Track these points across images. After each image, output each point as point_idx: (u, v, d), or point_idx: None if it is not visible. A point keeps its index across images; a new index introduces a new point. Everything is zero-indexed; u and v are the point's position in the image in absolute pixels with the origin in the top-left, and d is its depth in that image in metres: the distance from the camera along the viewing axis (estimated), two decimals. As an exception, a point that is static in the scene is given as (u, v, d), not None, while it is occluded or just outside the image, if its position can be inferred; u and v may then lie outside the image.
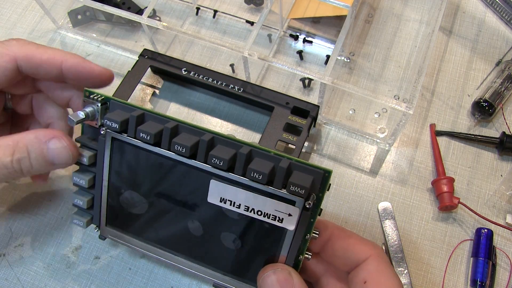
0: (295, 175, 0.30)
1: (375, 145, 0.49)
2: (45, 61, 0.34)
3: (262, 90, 0.47)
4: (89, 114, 0.35)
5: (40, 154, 0.35)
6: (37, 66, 0.34)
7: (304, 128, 0.44)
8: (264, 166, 0.30)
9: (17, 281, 0.43)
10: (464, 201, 0.44)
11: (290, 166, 0.30)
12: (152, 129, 0.32)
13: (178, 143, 0.31)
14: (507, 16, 0.54)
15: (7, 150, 0.34)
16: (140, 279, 0.43)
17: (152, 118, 0.33)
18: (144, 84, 0.52)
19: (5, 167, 0.34)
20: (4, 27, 0.57)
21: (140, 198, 0.37)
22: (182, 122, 0.33)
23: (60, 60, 0.35)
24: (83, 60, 0.36)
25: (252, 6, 0.57)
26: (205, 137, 0.31)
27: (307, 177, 0.30)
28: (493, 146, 0.48)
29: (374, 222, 0.45)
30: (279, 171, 0.30)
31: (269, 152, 0.31)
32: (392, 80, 0.52)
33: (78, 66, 0.35)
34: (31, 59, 0.34)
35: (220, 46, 0.44)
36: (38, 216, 0.46)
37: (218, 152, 0.31)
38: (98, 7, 0.48)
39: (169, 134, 0.32)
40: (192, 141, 0.31)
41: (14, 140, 0.34)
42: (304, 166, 0.30)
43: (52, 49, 0.36)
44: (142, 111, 0.33)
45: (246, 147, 0.31)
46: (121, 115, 0.34)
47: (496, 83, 0.49)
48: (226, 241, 0.35)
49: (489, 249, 0.42)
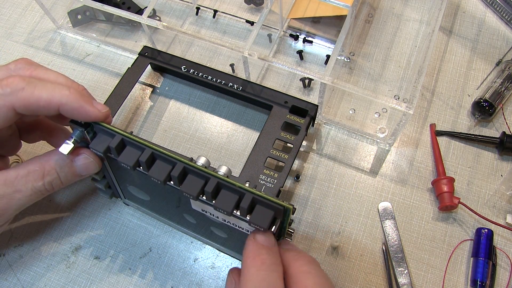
0: (257, 210, 0.32)
1: (375, 145, 0.49)
2: (42, 106, 0.34)
3: (261, 89, 0.47)
4: (77, 139, 0.36)
5: (69, 172, 0.38)
6: (34, 111, 0.34)
7: (302, 127, 0.44)
8: (228, 202, 0.33)
9: (17, 281, 0.43)
10: (464, 201, 0.44)
11: (253, 200, 0.32)
12: (130, 160, 0.35)
13: (153, 177, 0.34)
14: (507, 16, 0.54)
15: (36, 175, 0.36)
16: (140, 279, 0.43)
17: (131, 144, 0.35)
18: (143, 82, 0.53)
19: (39, 190, 0.37)
20: (4, 27, 0.57)
21: (140, 191, 0.41)
22: (156, 150, 0.35)
23: (57, 104, 0.34)
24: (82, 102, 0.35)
25: (252, 6, 0.57)
26: (177, 169, 0.34)
27: (268, 213, 0.32)
28: (493, 146, 0.48)
29: (374, 222, 0.45)
30: (242, 208, 0.32)
31: (234, 185, 0.33)
32: (392, 80, 0.51)
33: (74, 112, 0.35)
34: (28, 106, 0.34)
35: (220, 46, 0.44)
36: (38, 216, 0.46)
37: (188, 186, 0.34)
38: (98, 7, 0.48)
39: (145, 163, 0.34)
40: (164, 174, 0.34)
41: (41, 164, 0.37)
42: (266, 202, 0.32)
43: (52, 87, 0.34)
44: (121, 137, 0.35)
45: (214, 179, 0.33)
46: (103, 142, 0.36)
47: (496, 83, 0.49)
48: (216, 231, 0.39)
49: (489, 249, 0.42)
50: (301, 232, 0.45)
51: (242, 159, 0.48)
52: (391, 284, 0.42)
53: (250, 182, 0.41)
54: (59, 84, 0.35)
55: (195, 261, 0.44)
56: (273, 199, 0.32)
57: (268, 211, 0.32)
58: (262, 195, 0.32)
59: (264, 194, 0.32)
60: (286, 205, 0.32)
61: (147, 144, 0.35)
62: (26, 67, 0.37)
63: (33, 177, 0.37)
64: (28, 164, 0.37)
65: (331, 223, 0.45)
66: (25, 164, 0.37)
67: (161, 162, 0.34)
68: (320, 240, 0.44)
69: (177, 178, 0.34)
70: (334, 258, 0.43)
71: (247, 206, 0.32)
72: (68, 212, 0.46)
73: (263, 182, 0.41)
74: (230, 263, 0.44)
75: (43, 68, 0.38)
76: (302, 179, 0.47)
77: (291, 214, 0.33)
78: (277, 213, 0.32)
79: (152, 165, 0.35)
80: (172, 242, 0.45)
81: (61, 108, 0.34)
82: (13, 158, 0.48)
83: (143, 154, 0.35)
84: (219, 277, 0.43)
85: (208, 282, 0.43)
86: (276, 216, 0.32)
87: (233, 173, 0.42)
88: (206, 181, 0.33)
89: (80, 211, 0.46)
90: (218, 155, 0.48)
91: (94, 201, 0.47)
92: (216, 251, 0.44)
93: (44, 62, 0.55)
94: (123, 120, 0.50)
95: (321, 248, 0.44)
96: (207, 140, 0.49)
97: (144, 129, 0.50)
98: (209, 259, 0.44)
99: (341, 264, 0.43)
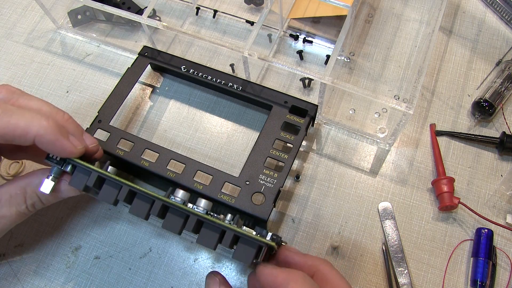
0: (239, 247, 0.33)
1: (375, 145, 0.49)
2: (18, 136, 0.33)
3: (261, 89, 0.47)
4: (56, 176, 0.37)
5: (51, 198, 0.38)
6: (9, 140, 0.33)
7: (302, 127, 0.44)
8: (210, 239, 0.34)
9: (17, 281, 0.43)
10: (464, 201, 0.44)
11: (235, 237, 0.33)
12: (109, 197, 0.36)
13: (134, 214, 0.35)
14: (507, 16, 0.54)
15: (19, 200, 0.37)
16: (140, 279, 0.43)
17: (108, 182, 0.36)
18: (143, 82, 0.53)
19: (23, 213, 0.38)
20: (4, 27, 0.57)
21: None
22: (134, 187, 0.35)
23: (34, 134, 0.33)
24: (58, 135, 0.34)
25: (252, 6, 0.57)
26: (156, 206, 0.34)
27: (250, 250, 0.33)
28: (493, 146, 0.48)
29: (374, 222, 0.45)
30: (224, 244, 0.33)
31: (215, 223, 0.33)
32: (392, 80, 0.51)
33: (49, 144, 0.34)
34: (3, 136, 0.33)
35: (220, 46, 0.44)
36: (38, 216, 0.46)
37: (169, 223, 0.35)
38: (98, 7, 0.48)
39: (124, 201, 0.35)
40: (145, 211, 0.35)
41: (22, 188, 0.37)
42: (248, 239, 0.33)
43: (30, 116, 0.33)
44: (97, 174, 0.36)
45: (194, 217, 0.33)
46: (81, 179, 0.36)
47: (496, 83, 0.49)
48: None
49: (489, 249, 0.42)
50: (301, 232, 0.45)
51: (242, 159, 0.48)
52: (391, 284, 0.42)
53: (250, 182, 0.41)
54: (37, 114, 0.34)
55: (195, 261, 0.44)
56: (254, 236, 0.32)
57: (250, 248, 0.33)
58: (244, 232, 0.32)
59: (245, 232, 0.32)
60: (269, 242, 0.32)
61: (124, 182, 0.35)
62: (8, 97, 0.36)
63: (16, 201, 0.37)
64: (10, 188, 0.37)
65: (331, 223, 0.45)
66: (7, 188, 0.37)
67: (139, 200, 0.35)
68: (320, 240, 0.44)
69: (157, 215, 0.34)
70: (334, 258, 0.43)
71: (229, 244, 0.33)
72: (68, 212, 0.46)
73: (263, 182, 0.41)
74: (230, 262, 0.44)
75: (27, 96, 0.37)
76: (302, 179, 0.47)
77: (275, 248, 0.34)
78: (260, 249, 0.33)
79: (131, 201, 0.35)
80: (172, 242, 0.45)
81: (37, 140, 0.33)
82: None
83: (121, 191, 0.35)
84: (219, 277, 0.43)
85: (208, 282, 0.43)
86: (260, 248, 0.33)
87: (233, 173, 0.42)
88: (186, 219, 0.34)
89: (80, 211, 0.46)
90: (218, 155, 0.48)
91: (94, 201, 0.47)
92: (216, 251, 0.44)
93: (44, 62, 0.55)
94: (123, 120, 0.50)
95: (321, 248, 0.44)
96: (207, 140, 0.49)
97: (144, 129, 0.50)
98: (209, 259, 0.44)
99: (341, 264, 0.43)
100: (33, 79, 0.54)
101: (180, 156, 0.43)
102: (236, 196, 0.40)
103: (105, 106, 0.46)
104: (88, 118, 0.50)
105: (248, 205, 0.40)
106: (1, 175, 0.47)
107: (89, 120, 0.46)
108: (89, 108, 0.52)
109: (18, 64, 0.55)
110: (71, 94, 0.53)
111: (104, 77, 0.54)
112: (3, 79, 0.54)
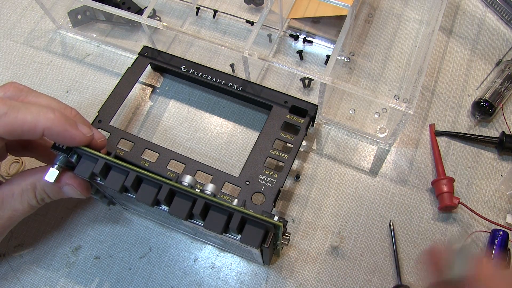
0: (247, 229, 0.32)
1: (375, 145, 0.49)
2: (27, 130, 0.33)
3: (261, 89, 0.47)
4: (62, 165, 0.36)
5: (57, 194, 0.39)
6: (18, 136, 0.34)
7: (302, 127, 0.44)
8: (217, 222, 0.33)
9: (17, 281, 0.43)
10: (464, 201, 0.44)
11: (242, 219, 0.32)
12: (116, 184, 0.35)
13: (140, 201, 0.34)
14: (507, 16, 0.54)
15: (30, 194, 0.38)
16: (140, 279, 0.43)
17: (115, 168, 0.35)
18: (143, 82, 0.53)
19: (34, 206, 0.39)
20: (4, 27, 0.57)
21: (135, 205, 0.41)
22: (141, 172, 0.34)
23: (42, 128, 0.33)
24: (66, 125, 0.34)
25: (252, 6, 0.57)
26: (163, 191, 0.34)
27: (258, 232, 0.32)
28: (493, 146, 0.48)
29: (374, 222, 0.45)
30: (231, 228, 0.32)
31: (222, 205, 0.32)
32: (392, 80, 0.51)
33: (59, 136, 0.34)
34: (12, 132, 0.33)
35: (220, 46, 0.44)
36: (38, 216, 0.46)
37: (176, 208, 0.34)
38: (98, 7, 0.48)
39: (131, 187, 0.35)
40: (151, 197, 0.34)
41: (32, 183, 0.38)
42: (256, 220, 0.32)
43: (37, 111, 0.34)
44: (104, 161, 0.35)
45: (201, 200, 0.33)
46: (88, 167, 0.36)
47: (496, 83, 0.49)
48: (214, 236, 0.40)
49: (503, 252, 0.41)
50: (301, 232, 0.45)
51: (242, 159, 0.48)
52: (398, 264, 0.42)
53: (250, 182, 0.41)
54: (44, 108, 0.34)
55: (195, 261, 0.44)
56: (262, 217, 0.32)
57: (258, 230, 0.32)
58: (251, 213, 0.32)
59: (253, 213, 0.32)
60: (276, 222, 0.32)
61: (131, 168, 0.35)
62: (17, 94, 0.36)
63: (27, 195, 0.38)
64: (20, 182, 0.38)
65: (331, 223, 0.45)
66: (18, 182, 0.38)
67: (146, 185, 0.34)
68: (320, 240, 0.44)
69: (164, 201, 0.34)
70: (334, 258, 0.43)
71: (236, 226, 0.32)
72: (68, 212, 0.46)
73: (263, 182, 0.41)
74: (230, 262, 0.44)
75: (35, 94, 0.37)
76: (302, 179, 0.47)
77: (282, 229, 0.33)
78: (268, 230, 0.33)
79: (138, 187, 0.35)
80: (172, 242, 0.45)
81: (46, 132, 0.34)
82: (13, 159, 0.48)
83: (128, 177, 0.34)
84: (219, 277, 0.43)
85: (208, 282, 0.43)
86: (267, 233, 0.33)
87: (233, 173, 0.42)
88: (193, 202, 0.33)
89: (80, 211, 0.46)
90: (218, 155, 0.48)
91: (94, 201, 0.47)
92: (216, 251, 0.44)
93: (44, 62, 0.55)
94: (123, 120, 0.50)
95: (321, 248, 0.44)
96: (207, 140, 0.49)
97: (144, 129, 0.50)
98: (209, 259, 0.44)
99: (341, 264, 0.43)
100: (33, 79, 0.54)
101: (180, 156, 0.43)
102: (236, 196, 0.40)
103: (105, 106, 0.46)
104: (88, 118, 0.50)
105: (248, 205, 0.40)
106: (1, 175, 0.47)
107: (89, 120, 0.46)
108: (89, 108, 0.52)
109: (18, 64, 0.55)
110: (71, 94, 0.53)
111: (104, 77, 0.54)
112: (3, 79, 0.54)
